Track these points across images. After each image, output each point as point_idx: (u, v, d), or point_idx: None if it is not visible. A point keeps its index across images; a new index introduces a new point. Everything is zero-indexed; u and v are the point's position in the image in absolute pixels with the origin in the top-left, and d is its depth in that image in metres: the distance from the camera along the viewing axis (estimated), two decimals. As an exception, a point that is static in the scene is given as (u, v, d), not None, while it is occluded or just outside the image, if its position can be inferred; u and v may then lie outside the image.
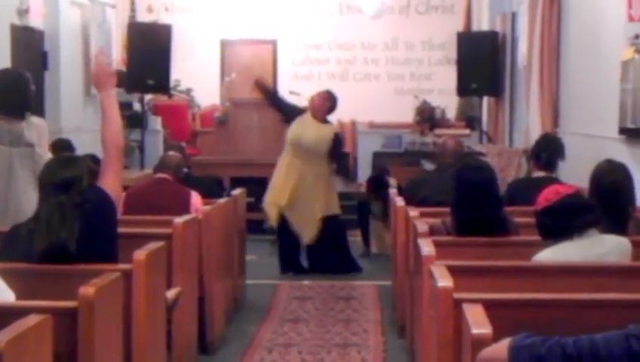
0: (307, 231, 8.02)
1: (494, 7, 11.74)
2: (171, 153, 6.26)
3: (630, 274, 3.62)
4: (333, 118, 14.80)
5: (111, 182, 4.00)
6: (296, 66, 14.60)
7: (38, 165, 5.48)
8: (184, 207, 5.48)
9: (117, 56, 11.10)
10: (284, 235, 8.18)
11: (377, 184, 8.85)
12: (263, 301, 7.07)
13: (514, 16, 10.86)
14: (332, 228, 8.08)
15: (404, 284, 5.65)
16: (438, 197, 5.71)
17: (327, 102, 8.26)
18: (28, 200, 5.48)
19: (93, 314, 3.12)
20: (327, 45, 14.64)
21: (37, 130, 5.96)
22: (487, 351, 1.87)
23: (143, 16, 13.44)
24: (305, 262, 8.26)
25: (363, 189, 9.22)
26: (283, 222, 8.12)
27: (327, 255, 8.09)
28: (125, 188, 5.25)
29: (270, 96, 8.66)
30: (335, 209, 8.18)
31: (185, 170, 6.46)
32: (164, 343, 4.35)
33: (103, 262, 3.75)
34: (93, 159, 5.25)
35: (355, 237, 9.04)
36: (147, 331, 3.89)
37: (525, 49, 9.67)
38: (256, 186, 9.65)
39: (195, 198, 5.67)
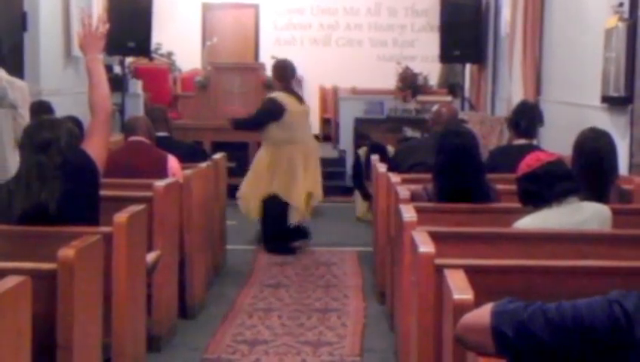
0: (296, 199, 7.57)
1: (478, -26, 11.67)
2: (138, 116, 6.18)
3: (610, 242, 3.64)
4: (315, 83, 14.70)
5: (97, 147, 3.96)
6: (279, 31, 14.51)
7: (19, 126, 5.45)
8: (161, 171, 5.43)
9: (97, 18, 10.98)
10: (269, 217, 7.64)
11: (376, 151, 8.77)
12: (244, 266, 7.07)
13: (497, -18, 10.82)
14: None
15: (385, 250, 5.66)
16: (430, 163, 5.66)
17: None
18: (12, 161, 5.46)
19: (73, 277, 3.10)
20: (309, 10, 14.56)
21: (21, 92, 5.93)
22: (469, 316, 1.87)
23: (124, -22, 13.24)
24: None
25: (362, 154, 9.14)
26: (269, 203, 7.59)
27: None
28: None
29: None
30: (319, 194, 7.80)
31: (166, 133, 6.42)
32: (144, 306, 4.34)
33: (83, 225, 3.73)
34: (75, 121, 5.22)
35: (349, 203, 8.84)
36: (127, 294, 3.88)
37: (509, 16, 9.64)
38: (237, 151, 9.64)
39: (173, 162, 5.61)
